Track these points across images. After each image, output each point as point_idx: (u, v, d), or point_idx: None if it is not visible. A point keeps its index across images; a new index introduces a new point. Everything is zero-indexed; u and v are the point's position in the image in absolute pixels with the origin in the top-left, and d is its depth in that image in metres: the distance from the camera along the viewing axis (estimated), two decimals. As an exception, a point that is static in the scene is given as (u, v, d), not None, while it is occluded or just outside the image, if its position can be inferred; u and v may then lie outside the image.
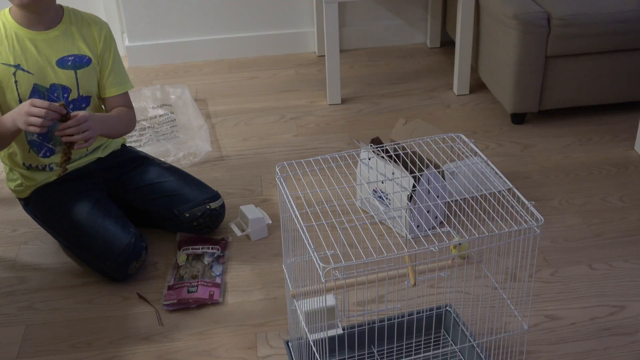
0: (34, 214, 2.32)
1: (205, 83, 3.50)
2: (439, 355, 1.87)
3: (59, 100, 2.15)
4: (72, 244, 2.22)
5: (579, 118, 3.04)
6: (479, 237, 1.51)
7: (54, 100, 2.14)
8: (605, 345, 1.94)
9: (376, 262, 1.45)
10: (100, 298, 2.17)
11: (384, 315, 1.88)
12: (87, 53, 2.18)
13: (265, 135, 3.02)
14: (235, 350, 1.97)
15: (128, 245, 2.15)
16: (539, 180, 2.65)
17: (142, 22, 3.59)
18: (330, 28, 3.05)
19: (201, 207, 2.32)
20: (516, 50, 2.81)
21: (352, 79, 3.49)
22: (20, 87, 2.11)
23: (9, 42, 2.09)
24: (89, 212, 2.17)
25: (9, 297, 2.19)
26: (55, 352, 1.99)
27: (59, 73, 2.14)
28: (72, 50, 2.16)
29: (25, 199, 2.30)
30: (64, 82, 2.15)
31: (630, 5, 2.81)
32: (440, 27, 3.75)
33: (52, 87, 2.14)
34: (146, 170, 2.36)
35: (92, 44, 2.20)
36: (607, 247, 2.30)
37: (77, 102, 2.20)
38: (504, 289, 2.09)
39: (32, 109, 1.94)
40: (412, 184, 2.24)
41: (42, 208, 2.27)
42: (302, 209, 1.53)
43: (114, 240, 2.14)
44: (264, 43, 3.75)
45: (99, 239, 2.14)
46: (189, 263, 2.25)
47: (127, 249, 2.15)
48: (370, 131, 2.99)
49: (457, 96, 3.28)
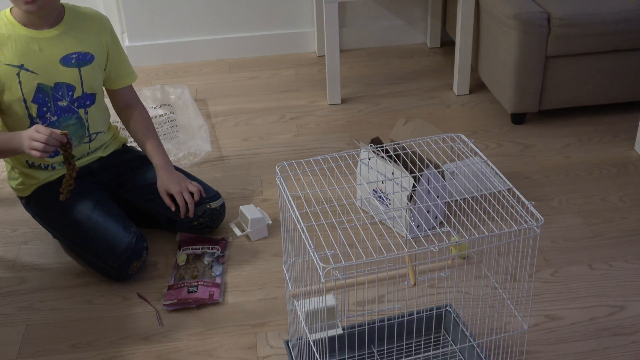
0: (34, 212, 2.32)
1: (205, 83, 3.50)
2: (439, 355, 1.87)
3: (64, 98, 2.16)
4: (74, 243, 2.22)
5: (579, 118, 3.04)
6: (479, 237, 1.51)
7: (59, 99, 2.15)
8: (605, 345, 1.94)
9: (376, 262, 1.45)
10: (100, 298, 2.17)
11: (384, 315, 1.88)
12: (90, 50, 2.19)
13: (265, 135, 3.02)
14: (235, 350, 1.97)
15: (129, 245, 2.15)
16: (539, 180, 2.65)
17: (142, 22, 3.59)
18: (330, 28, 3.05)
19: (201, 206, 2.32)
20: (516, 50, 2.81)
21: (352, 79, 3.49)
22: (24, 87, 2.11)
23: (12, 42, 2.08)
24: (90, 211, 2.18)
25: (9, 297, 2.19)
26: (55, 352, 1.99)
27: (63, 71, 2.14)
28: (75, 48, 2.16)
29: (26, 197, 2.30)
30: (68, 80, 2.16)
31: (630, 5, 2.81)
32: (440, 27, 3.75)
33: (56, 86, 2.14)
34: (147, 170, 2.36)
35: (96, 40, 2.20)
36: (607, 247, 2.30)
37: (81, 99, 2.20)
38: (504, 289, 2.09)
39: (34, 134, 1.97)
40: (412, 184, 2.24)
41: (44, 207, 2.27)
42: (302, 209, 1.53)
43: (115, 239, 2.14)
44: (264, 43, 3.75)
45: (101, 238, 2.15)
46: (189, 263, 2.25)
47: (128, 249, 2.15)
48: (370, 131, 2.99)
49: (457, 96, 3.28)
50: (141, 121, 2.37)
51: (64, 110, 2.18)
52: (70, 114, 2.19)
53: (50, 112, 2.16)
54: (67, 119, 2.19)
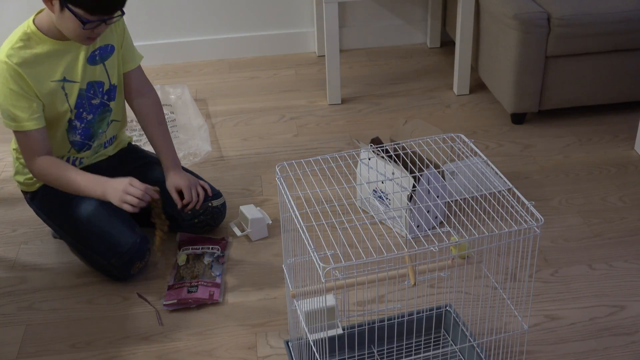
0: (39, 207, 2.31)
1: (205, 83, 3.50)
2: (439, 355, 1.87)
3: (97, 96, 2.17)
4: (77, 240, 2.22)
5: (579, 118, 3.04)
6: (479, 237, 1.51)
7: (92, 98, 2.16)
8: (605, 345, 1.94)
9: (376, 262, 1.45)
10: (100, 298, 2.17)
11: (384, 315, 1.88)
12: (109, 42, 2.17)
13: (265, 135, 3.02)
14: (235, 350, 1.97)
15: (134, 245, 2.15)
16: (539, 180, 2.65)
17: (142, 22, 3.59)
18: (330, 28, 3.05)
19: (203, 204, 2.32)
20: (516, 50, 2.81)
21: (352, 79, 3.49)
22: (70, 98, 2.12)
23: (50, 59, 2.06)
24: (96, 209, 2.17)
25: (9, 297, 2.19)
26: (55, 352, 1.99)
27: (91, 70, 2.14)
28: (96, 44, 2.15)
29: (32, 192, 2.29)
30: (97, 77, 2.16)
31: (630, 5, 2.81)
32: (440, 27, 3.75)
33: (88, 86, 2.15)
34: (152, 168, 2.38)
35: (112, 28, 2.18)
36: (607, 247, 2.30)
37: (110, 91, 2.21)
38: (504, 289, 2.09)
39: (129, 188, 2.03)
40: (412, 184, 2.24)
41: (50, 202, 2.26)
42: (302, 209, 1.53)
43: (120, 238, 2.15)
44: (264, 43, 3.75)
45: (106, 236, 2.15)
46: (189, 263, 2.25)
47: (132, 248, 2.15)
48: (370, 131, 2.99)
49: (457, 96, 3.28)
50: (154, 115, 2.35)
51: (97, 106, 2.19)
52: (102, 108, 2.21)
53: (85, 111, 2.17)
54: (101, 113, 2.21)
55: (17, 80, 2.00)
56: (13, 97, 2.01)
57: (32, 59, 2.02)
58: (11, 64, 1.98)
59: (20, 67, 1.99)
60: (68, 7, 1.90)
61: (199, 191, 2.29)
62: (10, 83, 1.99)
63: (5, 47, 2.02)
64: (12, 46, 2.01)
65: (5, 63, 1.98)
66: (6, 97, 2.01)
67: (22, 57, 2.00)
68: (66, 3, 1.90)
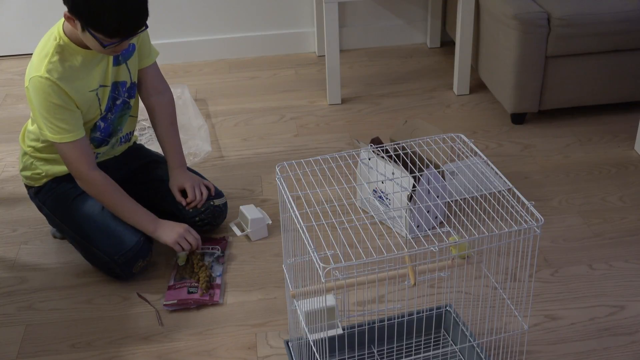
0: (43, 202, 2.30)
1: (205, 83, 3.50)
2: (439, 355, 1.87)
3: (120, 96, 2.19)
4: (81, 236, 2.21)
5: (579, 118, 3.04)
6: (479, 237, 1.51)
7: (116, 98, 2.18)
8: (605, 345, 1.94)
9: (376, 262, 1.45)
10: (100, 298, 2.17)
11: (384, 315, 1.88)
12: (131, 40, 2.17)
13: (265, 135, 3.02)
14: (235, 350, 1.97)
15: (137, 243, 2.16)
16: (539, 180, 2.65)
17: (142, 22, 3.59)
18: (330, 28, 3.05)
19: (205, 203, 2.33)
20: (516, 50, 2.81)
21: (352, 79, 3.49)
22: (102, 102, 2.13)
23: (86, 68, 2.06)
24: (101, 206, 2.18)
25: (9, 297, 2.19)
26: (55, 352, 1.99)
27: (116, 71, 2.16)
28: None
29: (37, 187, 2.30)
30: (121, 77, 2.18)
31: (630, 5, 2.81)
32: (440, 27, 3.75)
33: (112, 86, 2.16)
34: (156, 167, 2.41)
35: None
36: (607, 247, 2.30)
37: (131, 89, 2.23)
38: (504, 289, 2.09)
39: (188, 235, 2.20)
40: (412, 184, 2.24)
41: (55, 198, 2.25)
42: (302, 209, 1.53)
43: (124, 236, 2.15)
44: (264, 43, 3.75)
45: (110, 233, 2.15)
46: (189, 263, 2.25)
47: (136, 246, 2.16)
48: (370, 131, 2.99)
49: (457, 96, 3.28)
50: (169, 115, 2.36)
51: (119, 105, 2.21)
52: (123, 106, 2.22)
53: (110, 112, 2.19)
54: (121, 111, 2.22)
55: (60, 94, 2.01)
56: (58, 111, 2.02)
57: (70, 72, 2.03)
58: (53, 79, 1.99)
59: (60, 82, 2.00)
60: (89, 30, 1.91)
61: (202, 190, 2.32)
62: (53, 97, 2.00)
63: (40, 60, 2.01)
64: (50, 60, 2.00)
65: (47, 79, 1.98)
66: (50, 111, 2.02)
67: (62, 72, 2.01)
68: (87, 27, 1.91)
